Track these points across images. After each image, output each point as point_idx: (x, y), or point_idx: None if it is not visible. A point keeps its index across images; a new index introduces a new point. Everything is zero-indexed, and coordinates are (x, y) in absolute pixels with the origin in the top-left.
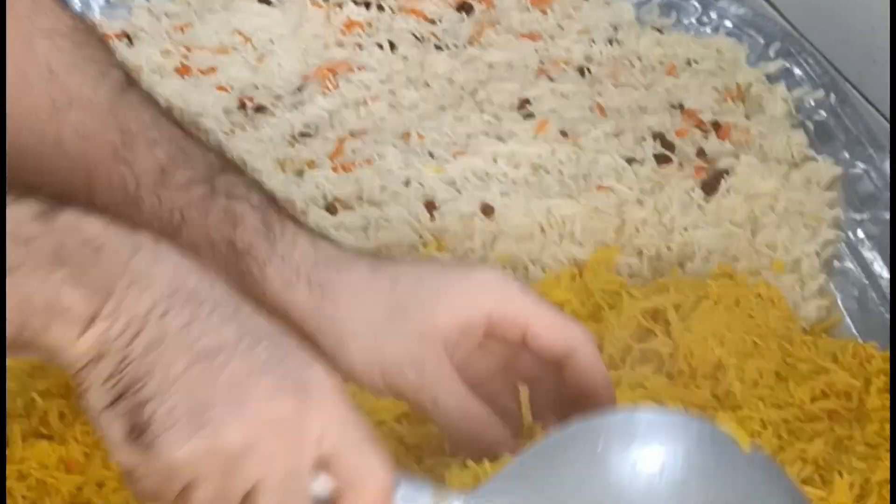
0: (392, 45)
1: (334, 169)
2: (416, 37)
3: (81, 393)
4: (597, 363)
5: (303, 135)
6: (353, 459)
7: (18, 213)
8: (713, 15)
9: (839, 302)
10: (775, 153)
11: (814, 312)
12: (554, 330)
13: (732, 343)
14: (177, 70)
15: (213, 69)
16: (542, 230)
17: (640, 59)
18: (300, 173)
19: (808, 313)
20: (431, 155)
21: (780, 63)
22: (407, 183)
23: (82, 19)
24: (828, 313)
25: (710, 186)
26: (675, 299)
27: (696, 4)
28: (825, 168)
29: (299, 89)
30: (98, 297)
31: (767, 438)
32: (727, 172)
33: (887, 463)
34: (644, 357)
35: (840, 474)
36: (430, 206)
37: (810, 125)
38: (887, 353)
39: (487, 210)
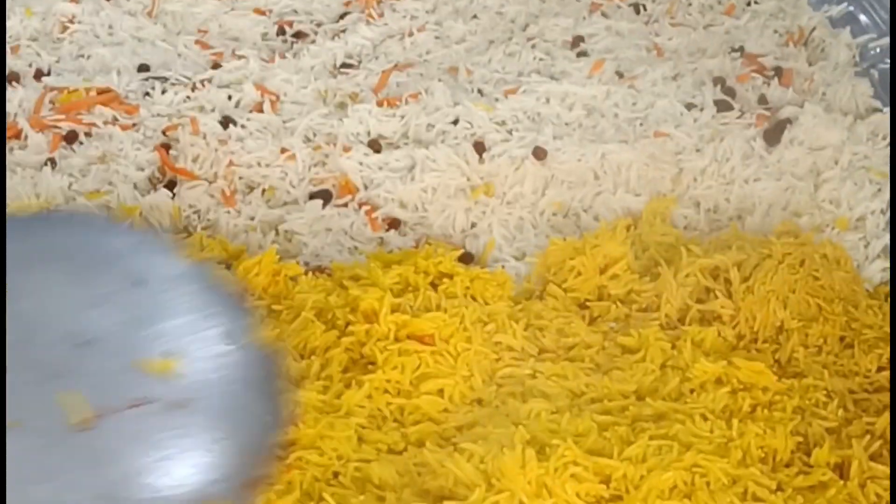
0: None
1: (379, 104)
2: None
3: None
4: None
5: (345, 66)
6: None
7: None
8: None
9: None
10: (839, 103)
11: (878, 274)
12: None
13: (796, 306)
14: None
15: None
16: (596, 177)
17: None
18: (342, 106)
19: (871, 275)
20: (480, 92)
21: (844, 7)
22: (455, 122)
23: None
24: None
25: (772, 136)
26: (736, 258)
27: None
28: (891, 120)
29: (341, 17)
30: None
31: (833, 410)
32: (790, 122)
33: None
34: (703, 319)
35: None
36: (480, 147)
37: (875, 74)
38: None
39: (539, 153)
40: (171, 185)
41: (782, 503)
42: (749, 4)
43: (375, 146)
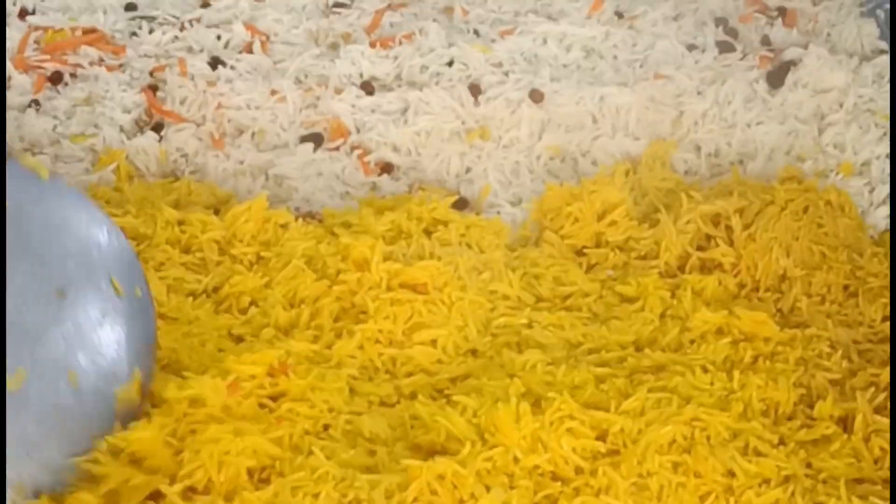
0: None
1: (372, 45)
2: None
3: None
4: None
5: (337, 5)
6: None
7: None
8: None
9: None
10: (845, 44)
11: (883, 221)
12: None
13: (799, 254)
14: None
15: None
16: (595, 120)
17: None
18: (334, 47)
19: (876, 222)
20: (476, 33)
21: None
22: (450, 63)
23: None
24: None
25: (775, 78)
26: (738, 204)
27: None
28: None
29: None
30: None
31: (836, 361)
32: (794, 64)
33: None
34: (704, 267)
35: None
36: (475, 89)
37: (881, 14)
38: None
39: (536, 96)
40: (158, 128)
41: (784, 457)
42: None
43: (368, 88)
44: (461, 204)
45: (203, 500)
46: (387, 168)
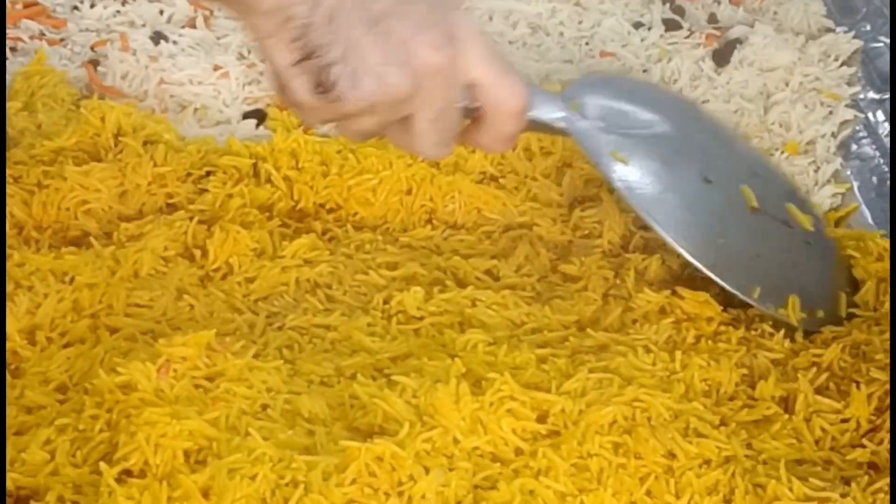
0: None
1: None
2: None
3: (268, 55)
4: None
5: None
6: (496, 84)
7: None
8: None
9: (855, 189)
10: (791, 23)
11: (827, 200)
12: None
13: None
14: None
15: None
16: None
17: None
18: None
19: (820, 200)
20: None
21: None
22: None
23: None
24: (842, 201)
25: (721, 57)
26: None
27: None
28: (844, 41)
29: None
30: None
31: (778, 341)
32: (740, 42)
33: None
34: (647, 247)
35: (857, 385)
36: None
37: None
38: None
39: None
40: None
41: (725, 438)
42: None
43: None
44: None
45: (139, 483)
46: None
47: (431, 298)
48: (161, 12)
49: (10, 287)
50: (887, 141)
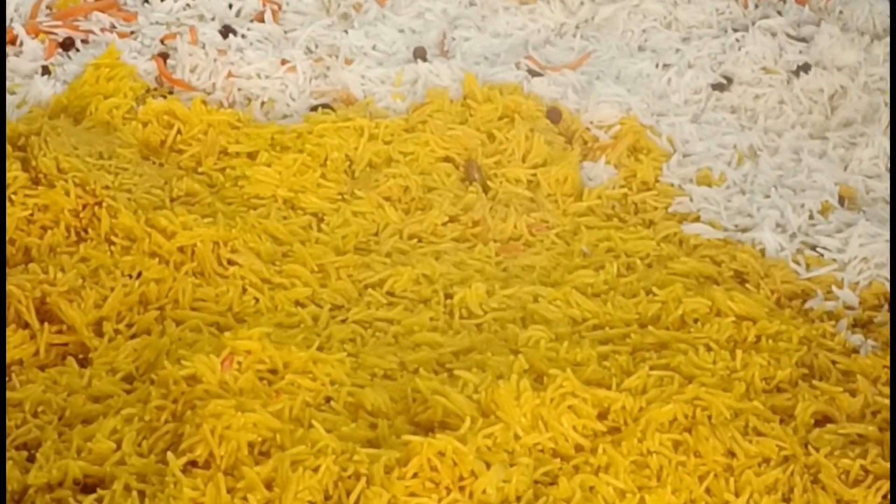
0: None
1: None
2: None
3: None
4: None
5: None
6: None
7: None
8: None
9: None
10: (857, 22)
11: None
12: None
13: None
14: None
15: None
16: None
17: None
18: (346, 17)
19: None
20: None
21: None
22: None
23: None
24: None
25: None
26: None
27: None
28: None
29: None
30: None
31: (840, 341)
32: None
33: None
34: None
35: None
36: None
37: None
38: None
39: None
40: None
41: (784, 436)
42: None
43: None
44: None
45: (203, 474)
46: None
47: (493, 294)
48: (230, 6)
49: (76, 282)
50: None
